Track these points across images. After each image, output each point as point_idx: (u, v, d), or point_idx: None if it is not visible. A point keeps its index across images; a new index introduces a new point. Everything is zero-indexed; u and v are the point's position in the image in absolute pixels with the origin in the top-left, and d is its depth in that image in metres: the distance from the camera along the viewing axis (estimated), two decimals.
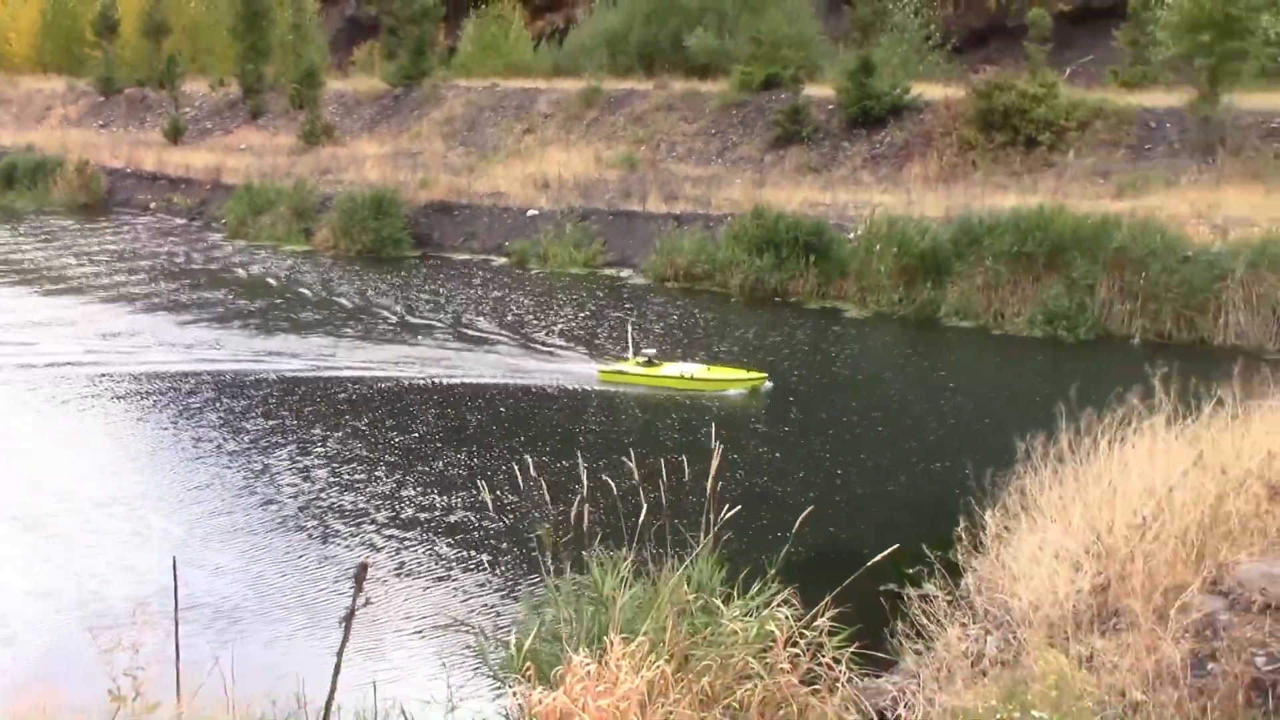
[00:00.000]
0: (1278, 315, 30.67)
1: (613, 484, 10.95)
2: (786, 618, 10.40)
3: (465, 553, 16.83)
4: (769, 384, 26.47)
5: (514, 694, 9.93)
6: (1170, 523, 10.85)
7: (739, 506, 10.72)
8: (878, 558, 10.55)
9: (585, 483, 10.77)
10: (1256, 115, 46.04)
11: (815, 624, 10.54)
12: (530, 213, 47.42)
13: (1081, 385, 16.74)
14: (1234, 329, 31.15)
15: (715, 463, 10.59)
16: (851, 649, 10.61)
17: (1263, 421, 13.10)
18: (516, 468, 10.97)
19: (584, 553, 11.00)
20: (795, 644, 10.34)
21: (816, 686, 10.32)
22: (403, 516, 18.33)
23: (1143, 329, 32.00)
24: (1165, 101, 48.93)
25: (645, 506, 10.54)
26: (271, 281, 41.39)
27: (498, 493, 18.12)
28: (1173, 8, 46.55)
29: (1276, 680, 8.61)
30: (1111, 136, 48.20)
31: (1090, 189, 42.85)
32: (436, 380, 27.07)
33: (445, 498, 19.02)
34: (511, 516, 17.60)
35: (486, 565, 16.08)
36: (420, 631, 14.42)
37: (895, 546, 10.71)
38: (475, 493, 11.42)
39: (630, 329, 28.31)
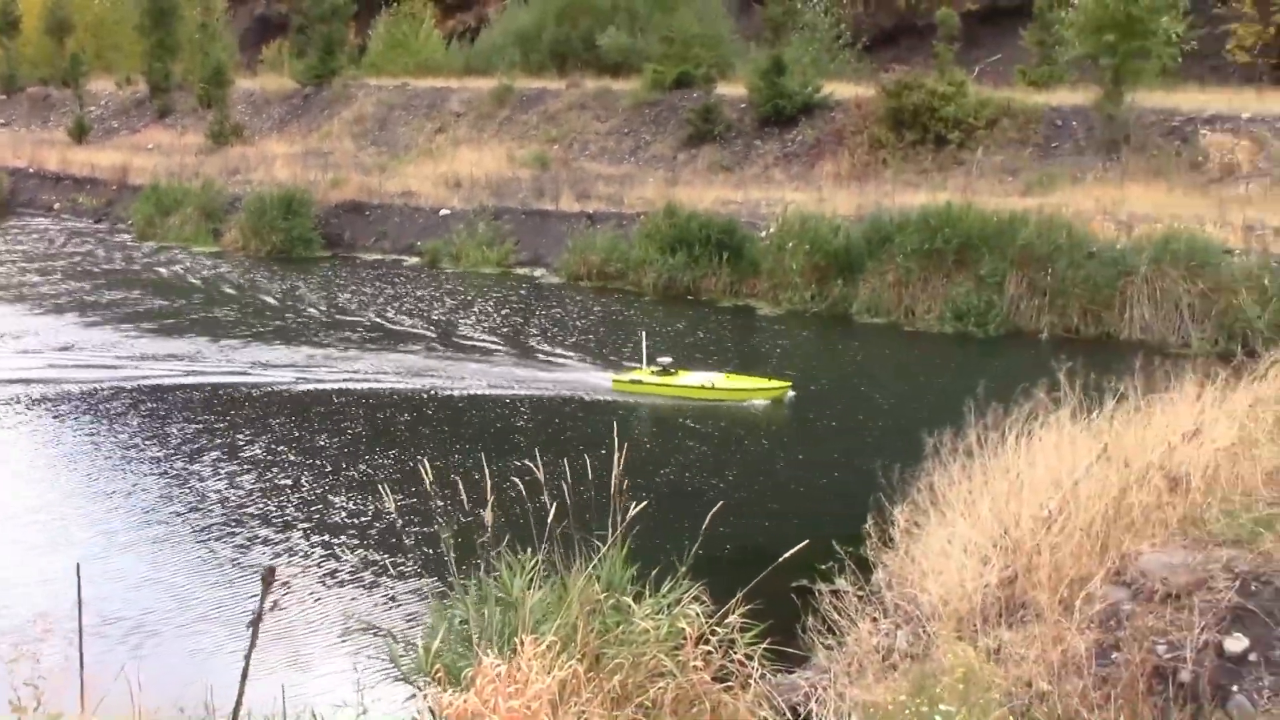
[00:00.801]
0: (1180, 310, 31.18)
1: (521, 485, 10.89)
2: (698, 615, 10.39)
3: (375, 556, 16.69)
4: (792, 393, 25.78)
5: (424, 696, 9.85)
6: (1075, 515, 10.96)
7: (645, 503, 10.67)
8: (788, 554, 10.57)
9: (490, 485, 10.69)
10: (1158, 114, 46.86)
11: (727, 621, 10.54)
12: (442, 212, 47.17)
13: (990, 380, 16.92)
14: (1139, 324, 31.64)
15: (618, 461, 10.55)
16: (764, 645, 10.62)
17: (1164, 414, 13.27)
18: (425, 470, 10.83)
19: (492, 554, 10.92)
20: (707, 641, 10.33)
21: (729, 683, 10.33)
22: (314, 522, 18.15)
23: (1051, 324, 32.42)
24: (1071, 100, 49.65)
25: (554, 507, 10.48)
26: (181, 283, 40.84)
27: (407, 497, 17.94)
28: (1078, 8, 47.26)
29: (1177, 667, 8.73)
30: (1019, 135, 48.80)
31: (999, 186, 43.37)
32: (351, 386, 26.77)
33: (357, 502, 18.86)
34: (422, 520, 17.46)
35: (396, 568, 15.95)
36: (330, 635, 14.28)
37: (805, 543, 10.72)
38: (386, 498, 11.28)
39: (644, 336, 27.42)
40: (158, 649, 13.94)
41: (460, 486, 11.53)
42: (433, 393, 26.05)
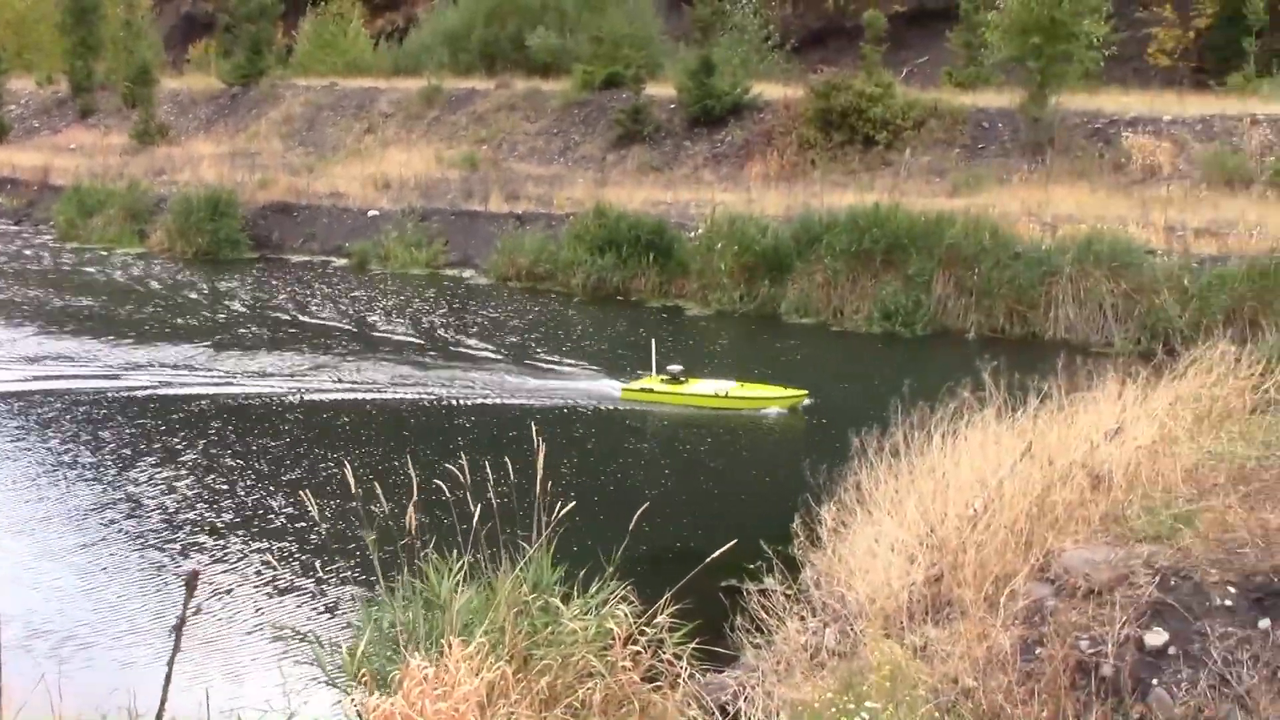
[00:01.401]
0: (1103, 310, 31.59)
1: (449, 489, 10.84)
2: (626, 615, 10.40)
3: (303, 561, 16.55)
4: (808, 400, 25.16)
5: (351, 700, 9.79)
6: (1000, 513, 11.08)
7: (571, 504, 10.66)
8: (716, 554, 10.60)
9: (418, 488, 10.64)
10: (1082, 116, 47.52)
11: (655, 621, 10.56)
12: (371, 213, 46.87)
13: (916, 380, 17.01)
14: (1063, 323, 32.03)
15: (540, 462, 10.53)
16: (692, 645, 10.65)
17: (1087, 413, 13.44)
18: (349, 476, 10.74)
19: (419, 557, 10.86)
20: (636, 641, 10.34)
21: (658, 683, 10.35)
22: (241, 528, 17.95)
23: (977, 324, 32.72)
24: (997, 102, 50.17)
25: (478, 509, 10.44)
26: (105, 285, 40.35)
27: (335, 502, 17.79)
28: (1002, 11, 47.75)
29: (1099, 662, 8.85)
30: (946, 136, 49.26)
31: (926, 187, 43.74)
32: (278, 391, 26.46)
33: (283, 508, 18.65)
34: (350, 525, 17.31)
35: (324, 573, 15.81)
36: (257, 640, 14.13)
37: (733, 542, 10.76)
38: (309, 503, 11.17)
39: (653, 345, 26.76)
40: (80, 657, 13.74)
41: (388, 491, 11.47)
42: (363, 397, 25.85)
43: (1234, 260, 31.28)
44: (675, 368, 25.70)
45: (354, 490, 10.39)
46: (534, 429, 11.23)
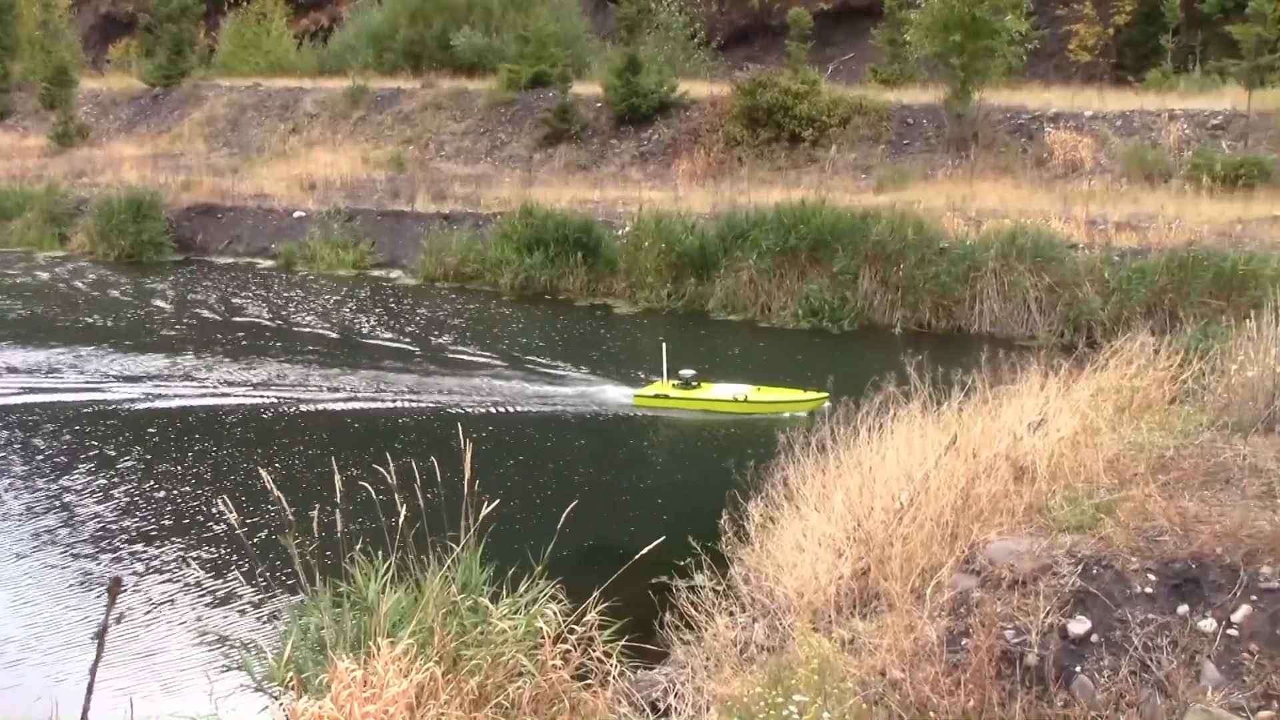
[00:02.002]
0: (1027, 303, 31.95)
1: (375, 491, 10.78)
2: (555, 614, 10.39)
3: (228, 566, 16.34)
4: (828, 404, 24.56)
5: (279, 705, 9.73)
6: (926, 506, 11.19)
7: (495, 503, 10.64)
8: (644, 551, 10.62)
9: (342, 491, 10.57)
10: (1005, 112, 48.05)
11: (585, 619, 10.55)
12: (297, 214, 46.50)
13: (844, 375, 17.12)
14: (988, 317, 32.37)
15: (468, 462, 10.50)
16: (622, 643, 10.66)
17: (1010, 406, 13.60)
18: (268, 481, 10.64)
19: (346, 559, 10.79)
20: (565, 640, 10.33)
21: (589, 681, 10.35)
22: (165, 535, 17.70)
23: (903, 319, 32.99)
24: (921, 98, 50.62)
25: (403, 510, 10.39)
26: (24, 289, 39.67)
27: (263, 506, 17.63)
28: (924, 9, 48.15)
29: (1024, 651, 8.95)
30: (871, 132, 49.63)
31: (852, 184, 44.06)
32: (201, 396, 26.14)
33: (206, 514, 18.38)
34: (275, 529, 17.17)
35: (251, 578, 15.64)
36: (182, 646, 13.96)
37: (662, 539, 10.79)
38: (229, 509, 11.01)
39: (664, 348, 26.04)
40: (3, 667, 13.54)
41: (316, 495, 11.40)
42: (292, 401, 25.58)
43: (1153, 253, 31.78)
44: (687, 372, 25.16)
45: (274, 495, 10.30)
46: (460, 429, 11.20)
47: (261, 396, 25.82)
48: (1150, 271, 30.72)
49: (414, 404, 25.19)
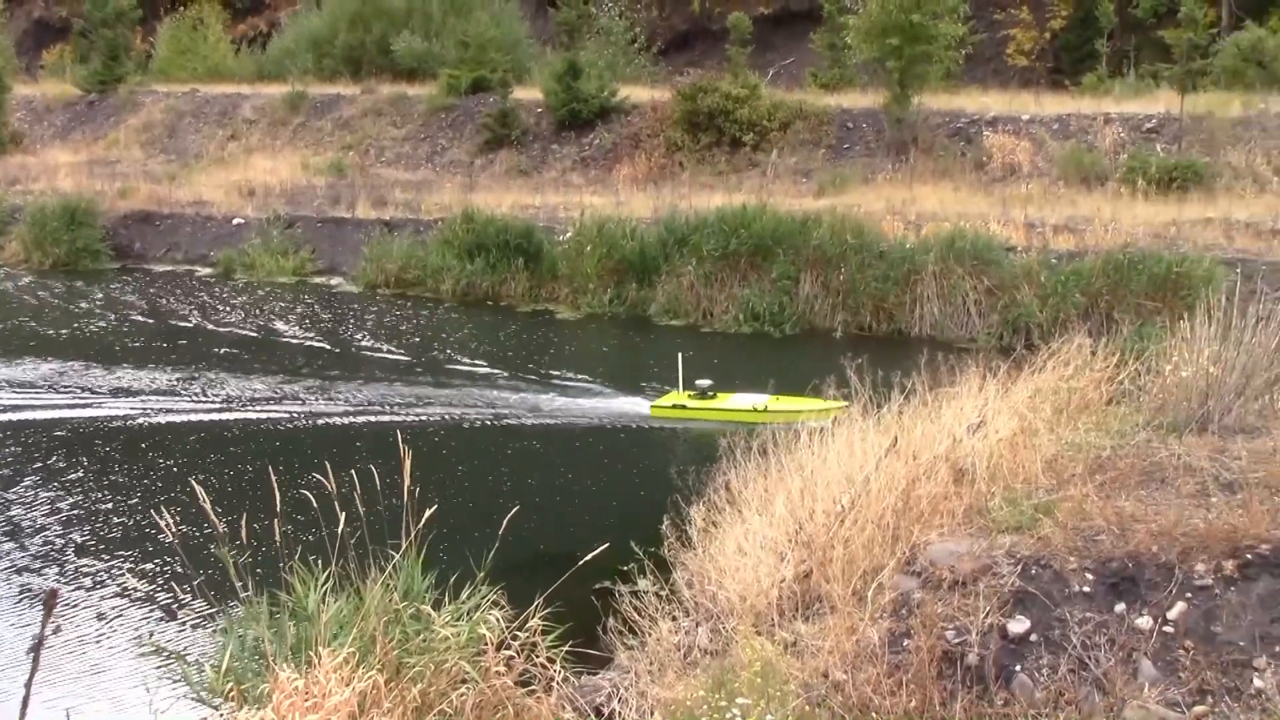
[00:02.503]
0: (967, 306, 32.19)
1: (314, 501, 10.70)
2: (498, 620, 10.36)
3: (166, 579, 16.16)
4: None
5: (219, 715, 9.66)
6: (867, 508, 11.24)
7: (436, 507, 10.60)
8: (587, 557, 10.61)
9: (278, 499, 10.50)
10: (944, 116, 48.45)
11: (528, 625, 10.52)
12: (236, 221, 46.13)
13: (785, 379, 17.17)
14: (928, 320, 32.55)
15: (407, 469, 10.46)
16: (566, 648, 10.64)
17: (949, 408, 13.70)
18: (200, 495, 10.52)
19: (285, 569, 10.71)
20: (509, 646, 10.31)
21: (532, 687, 10.32)
22: (104, 547, 17.52)
23: (844, 323, 33.12)
24: (861, 103, 50.94)
25: (343, 517, 10.33)
26: None
27: (202, 518, 17.44)
28: (862, 14, 48.49)
29: (964, 651, 9.03)
30: (812, 136, 49.89)
31: (793, 188, 44.27)
32: (140, 408, 25.88)
33: (142, 527, 18.19)
34: (212, 541, 16.99)
35: (190, 590, 15.46)
36: (121, 659, 13.82)
37: (605, 545, 10.78)
38: (165, 520, 10.85)
39: (680, 359, 25.40)
40: None
41: (252, 504, 11.33)
42: (234, 413, 25.32)
43: (1090, 256, 32.08)
44: (704, 382, 24.73)
45: (207, 506, 10.20)
46: (399, 436, 11.14)
47: (198, 406, 25.59)
48: (1087, 274, 31.01)
49: (355, 413, 25.03)
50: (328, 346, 31.88)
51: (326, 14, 71.27)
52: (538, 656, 10.41)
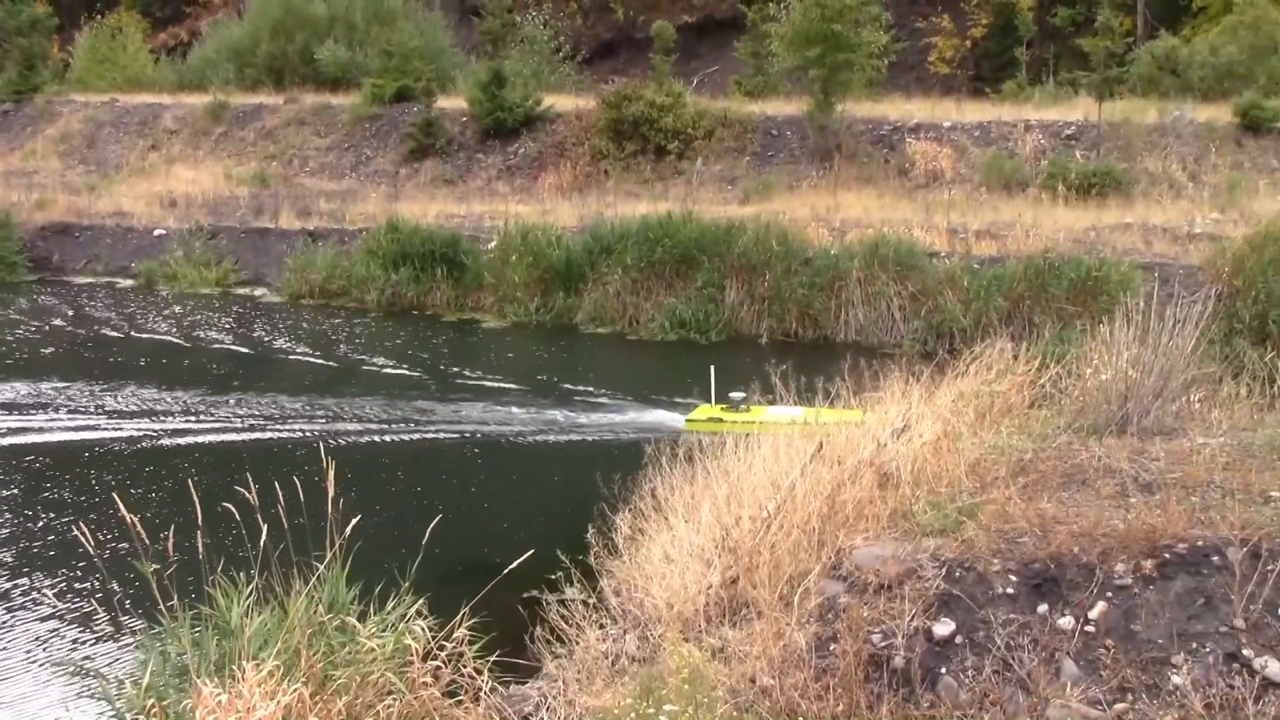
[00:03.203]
0: (891, 312, 32.42)
1: (238, 514, 10.57)
2: (425, 630, 10.29)
3: (87, 596, 15.92)
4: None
5: None
6: (793, 514, 11.27)
7: (359, 517, 10.50)
8: (513, 565, 10.57)
9: (200, 513, 10.37)
10: (867, 123, 48.80)
11: (455, 635, 10.47)
12: (157, 232, 45.63)
13: (708, 386, 17.14)
14: (854, 326, 32.77)
15: (331, 480, 10.38)
16: (493, 658, 10.60)
17: (874, 413, 13.79)
18: (121, 507, 10.35)
19: (209, 583, 10.57)
20: (435, 657, 10.24)
21: (460, 698, 10.27)
22: (19, 565, 17.24)
23: (770, 329, 33.27)
24: (785, 110, 51.22)
25: (273, 533, 10.23)
26: None
27: (123, 534, 17.18)
28: (784, 22, 48.79)
29: (890, 654, 9.08)
30: (737, 144, 50.07)
31: (718, 195, 44.43)
32: (59, 424, 25.50)
33: (58, 548, 17.92)
34: (134, 556, 16.74)
35: (108, 606, 15.23)
36: (39, 678, 13.58)
37: (530, 553, 10.75)
38: (85, 538, 10.65)
39: (711, 371, 24.34)
40: None
41: (174, 519, 11.17)
42: (146, 425, 24.97)
43: (1011, 261, 32.42)
44: (737, 395, 23.73)
45: (131, 520, 10.05)
46: (323, 447, 11.06)
47: (119, 420, 25.21)
48: (1008, 279, 31.34)
49: (277, 425, 24.77)
50: (251, 358, 31.57)
51: (248, 23, 70.61)
52: (464, 666, 10.35)
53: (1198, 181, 42.84)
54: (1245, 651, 8.59)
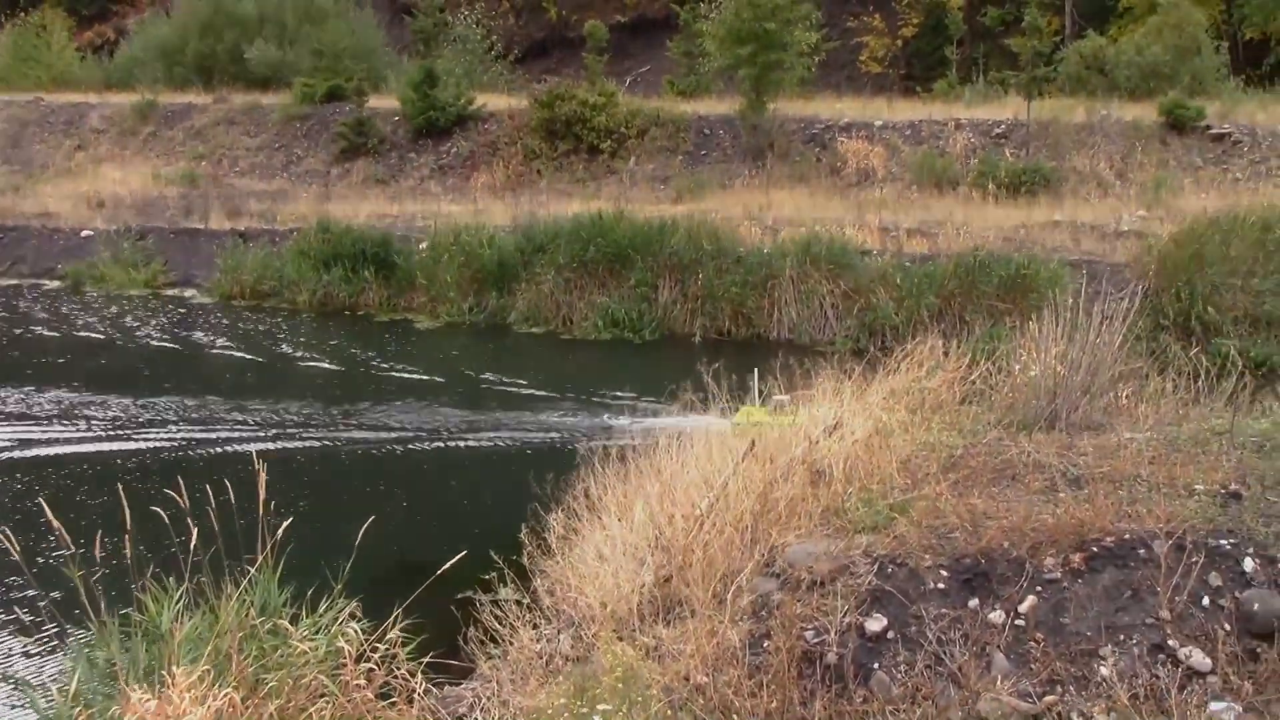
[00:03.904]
0: (824, 310, 32.55)
1: (167, 517, 10.45)
2: (357, 633, 10.22)
3: (9, 602, 15.69)
4: None
5: None
6: (726, 512, 11.30)
7: (291, 520, 10.42)
8: (445, 566, 10.51)
9: (130, 518, 10.25)
10: (799, 122, 49.03)
11: (388, 637, 10.40)
12: (84, 233, 45.03)
13: (645, 384, 17.18)
14: (787, 324, 32.83)
15: (262, 482, 10.29)
16: (427, 659, 10.53)
17: (807, 411, 13.84)
18: (48, 511, 10.21)
19: (138, 588, 10.44)
20: (368, 659, 10.17)
21: (394, 700, 10.20)
22: None
23: (703, 328, 33.28)
24: (718, 109, 51.36)
25: (196, 531, 10.12)
26: None
27: (49, 538, 16.90)
28: (716, 22, 48.94)
29: (823, 651, 9.11)
30: (669, 143, 50.14)
31: (651, 194, 44.46)
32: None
33: None
34: (59, 561, 16.54)
35: (33, 612, 15.01)
36: None
37: (463, 554, 10.70)
38: (10, 543, 10.48)
39: (755, 375, 24.52)
40: None
41: (101, 524, 11.02)
42: (70, 428, 24.60)
43: (942, 258, 32.67)
44: (782, 398, 24.32)
45: (56, 524, 9.92)
46: (253, 450, 10.96)
47: (45, 425, 24.89)
48: (939, 276, 31.56)
49: (206, 427, 24.53)
50: (180, 360, 31.23)
51: (176, 22, 69.89)
52: (398, 668, 10.27)
53: (1125, 180, 43.41)
54: (1170, 642, 8.70)
